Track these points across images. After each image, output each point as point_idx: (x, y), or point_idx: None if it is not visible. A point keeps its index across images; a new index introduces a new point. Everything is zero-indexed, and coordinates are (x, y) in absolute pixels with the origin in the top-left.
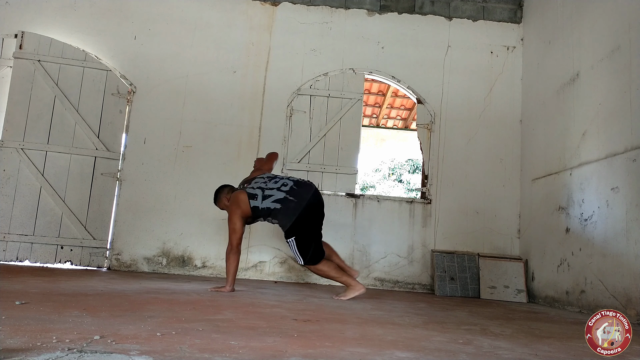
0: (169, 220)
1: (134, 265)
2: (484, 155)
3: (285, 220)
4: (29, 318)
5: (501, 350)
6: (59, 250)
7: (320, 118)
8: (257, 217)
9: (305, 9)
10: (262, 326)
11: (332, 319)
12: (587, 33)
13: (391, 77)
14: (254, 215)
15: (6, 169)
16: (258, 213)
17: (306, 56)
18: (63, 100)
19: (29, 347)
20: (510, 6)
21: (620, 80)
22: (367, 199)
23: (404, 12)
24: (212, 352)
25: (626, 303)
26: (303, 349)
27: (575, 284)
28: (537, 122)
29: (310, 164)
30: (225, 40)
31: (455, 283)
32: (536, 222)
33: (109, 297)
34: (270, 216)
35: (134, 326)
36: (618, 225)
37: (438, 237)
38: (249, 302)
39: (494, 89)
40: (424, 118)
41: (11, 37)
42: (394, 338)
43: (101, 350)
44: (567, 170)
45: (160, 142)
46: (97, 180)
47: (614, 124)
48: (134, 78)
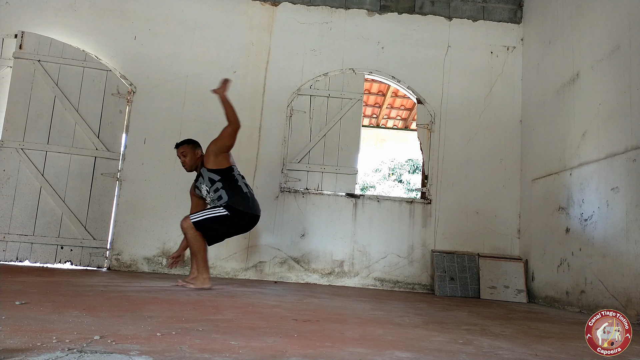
0: (169, 220)
1: (134, 265)
2: (484, 155)
3: (240, 202)
4: (29, 318)
5: (501, 350)
6: (59, 250)
7: (320, 118)
8: (223, 177)
9: (305, 9)
10: (262, 326)
11: (332, 319)
12: (587, 33)
13: (391, 77)
14: (227, 172)
15: (6, 169)
16: (230, 173)
17: (306, 56)
18: (63, 100)
19: (29, 347)
20: (510, 6)
21: (620, 80)
22: (367, 199)
23: (404, 12)
24: (212, 352)
25: (626, 303)
26: (303, 349)
27: (575, 284)
28: (537, 122)
29: (310, 164)
30: (225, 40)
31: (455, 283)
32: (536, 222)
33: (109, 297)
34: (228, 190)
35: (134, 326)
36: (618, 225)
37: (438, 237)
38: (249, 302)
39: (493, 89)
40: (424, 118)
41: (11, 37)
42: (394, 338)
43: (101, 350)
44: (567, 171)
45: (160, 142)
46: (97, 181)
47: (614, 124)
48: (134, 78)
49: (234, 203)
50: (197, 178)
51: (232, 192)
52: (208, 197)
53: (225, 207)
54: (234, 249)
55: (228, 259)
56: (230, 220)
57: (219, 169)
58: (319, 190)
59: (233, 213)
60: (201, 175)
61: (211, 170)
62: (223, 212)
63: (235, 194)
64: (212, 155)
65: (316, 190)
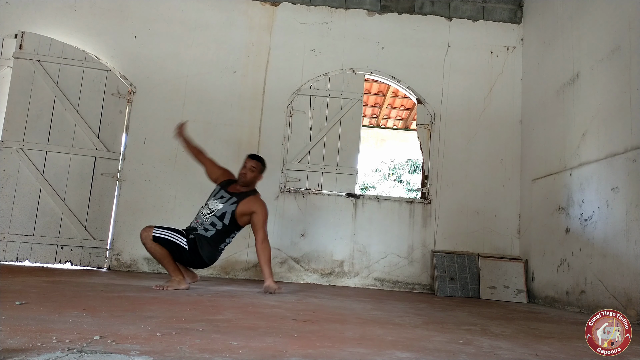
0: (169, 220)
1: (134, 265)
2: (484, 156)
3: (207, 249)
4: (29, 318)
5: (501, 350)
6: (59, 250)
7: (320, 118)
8: (228, 231)
9: (305, 9)
10: (262, 326)
11: (332, 319)
12: (587, 33)
13: (391, 77)
14: (234, 232)
15: (6, 169)
16: (232, 235)
17: (306, 56)
18: (63, 100)
19: (29, 347)
20: (510, 6)
21: (620, 80)
22: (367, 199)
23: (404, 12)
24: (212, 352)
25: (626, 303)
26: (303, 349)
27: (575, 284)
28: (537, 122)
29: (310, 164)
30: (225, 40)
31: (455, 283)
32: (536, 222)
33: (109, 297)
34: (216, 238)
35: (134, 326)
36: (618, 225)
37: (438, 237)
38: (249, 302)
39: (494, 89)
40: (424, 118)
41: (11, 37)
42: (394, 338)
43: (101, 350)
44: (567, 171)
45: (160, 142)
46: (97, 181)
47: (614, 124)
48: (134, 78)
49: (201, 245)
50: (218, 192)
51: (214, 242)
52: (206, 215)
53: (189, 243)
54: (234, 249)
55: (228, 259)
56: (183, 253)
57: (236, 226)
58: (319, 190)
59: (191, 249)
60: (224, 200)
61: (234, 219)
62: (184, 245)
63: (213, 244)
64: (248, 219)
65: (316, 191)
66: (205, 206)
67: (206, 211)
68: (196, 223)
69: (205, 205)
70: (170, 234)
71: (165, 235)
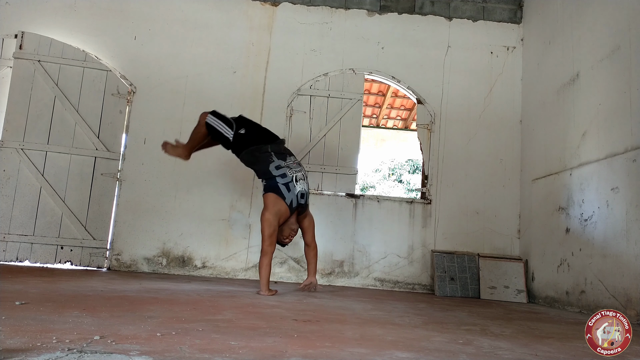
0: (169, 220)
1: (134, 265)
2: (484, 156)
3: (249, 151)
4: (29, 318)
5: (501, 350)
6: (59, 250)
7: (320, 118)
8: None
9: (305, 9)
10: (262, 326)
11: (332, 319)
12: (587, 33)
13: (391, 77)
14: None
15: (6, 169)
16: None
17: (306, 56)
18: (63, 100)
19: (29, 347)
20: (510, 6)
21: (620, 80)
22: (367, 199)
23: (404, 13)
24: (212, 352)
25: (626, 303)
26: (303, 349)
27: (575, 284)
28: (537, 122)
29: (310, 164)
30: (225, 41)
31: (455, 283)
32: (536, 223)
33: (109, 297)
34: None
35: (134, 326)
36: (618, 225)
37: (438, 238)
38: (249, 302)
39: (494, 89)
40: (424, 118)
41: (11, 37)
42: (394, 338)
43: (101, 350)
44: (567, 171)
45: (160, 142)
46: (97, 181)
47: (614, 124)
48: (134, 78)
49: (255, 157)
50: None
51: (267, 175)
52: (292, 164)
53: (235, 138)
54: (234, 249)
55: (228, 259)
56: (226, 142)
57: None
58: (319, 190)
59: (235, 142)
60: (292, 158)
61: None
62: (229, 135)
63: (264, 170)
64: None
65: (316, 191)
66: (286, 167)
67: (289, 160)
68: (284, 164)
69: (285, 165)
70: (221, 125)
71: (216, 125)
